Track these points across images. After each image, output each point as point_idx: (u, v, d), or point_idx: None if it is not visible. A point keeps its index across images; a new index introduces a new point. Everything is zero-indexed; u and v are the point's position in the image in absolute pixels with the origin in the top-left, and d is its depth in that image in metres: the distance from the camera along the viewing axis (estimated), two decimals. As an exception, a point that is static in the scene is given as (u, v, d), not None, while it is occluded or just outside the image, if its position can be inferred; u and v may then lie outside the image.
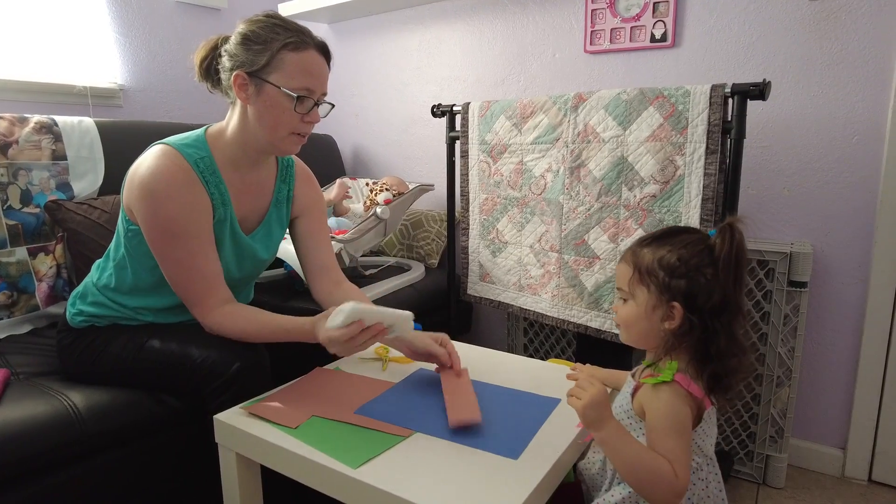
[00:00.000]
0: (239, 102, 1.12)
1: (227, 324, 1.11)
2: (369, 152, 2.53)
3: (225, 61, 1.10)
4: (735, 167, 1.28)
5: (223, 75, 1.12)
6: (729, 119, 1.29)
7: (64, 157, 1.52)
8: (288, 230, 1.35)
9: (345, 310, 0.98)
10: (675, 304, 0.80)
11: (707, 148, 1.30)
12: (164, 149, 1.10)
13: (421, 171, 2.37)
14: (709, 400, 0.81)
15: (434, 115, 1.86)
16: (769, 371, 1.52)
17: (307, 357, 1.17)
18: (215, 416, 1.00)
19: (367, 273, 1.98)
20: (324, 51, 1.14)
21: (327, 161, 2.40)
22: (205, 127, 1.19)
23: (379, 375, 1.17)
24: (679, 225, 0.91)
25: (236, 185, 1.18)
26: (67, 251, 1.46)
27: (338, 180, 1.96)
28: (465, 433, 0.93)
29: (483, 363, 1.23)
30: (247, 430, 0.96)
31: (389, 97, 2.41)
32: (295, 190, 1.31)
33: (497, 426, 0.95)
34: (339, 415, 1.00)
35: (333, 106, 1.22)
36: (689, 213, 1.35)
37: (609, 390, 1.11)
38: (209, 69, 1.15)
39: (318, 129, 2.65)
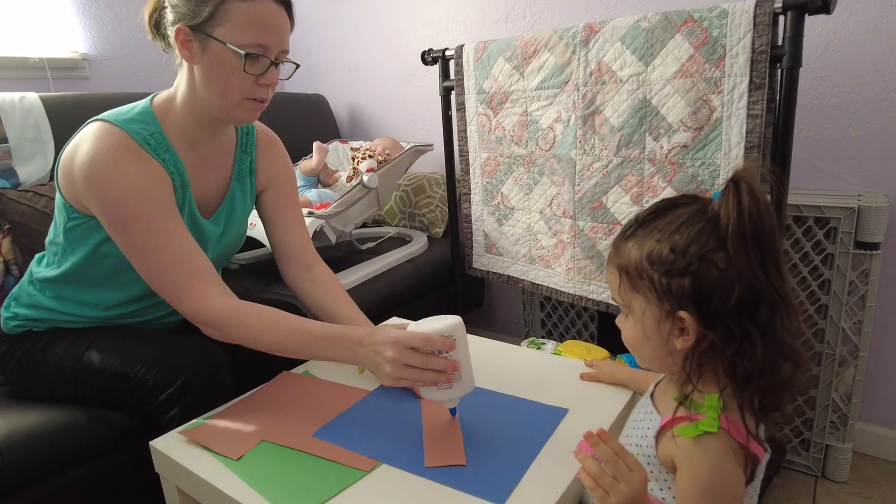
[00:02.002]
0: (185, 63, 0.93)
1: (237, 320, 0.90)
2: (366, 111, 2.29)
3: (168, 14, 0.92)
4: (788, 105, 1.01)
5: (168, 31, 0.92)
6: (780, 44, 1.01)
7: (5, 140, 1.35)
8: (255, 207, 1.17)
9: (450, 319, 0.77)
10: (683, 313, 0.56)
11: (751, 82, 1.03)
12: (104, 127, 0.91)
13: (421, 128, 2.13)
14: (764, 447, 0.58)
15: (425, 62, 1.61)
16: (830, 349, 1.27)
17: (275, 358, 0.99)
18: (151, 443, 0.84)
19: (364, 247, 1.79)
20: None
21: (320, 124, 2.19)
22: (150, 97, 1.00)
23: (353, 380, 0.99)
24: (672, 196, 0.63)
25: (193, 163, 1.01)
26: (14, 245, 1.32)
27: (315, 144, 1.74)
28: (443, 469, 0.74)
29: (481, 358, 1.04)
30: (181, 461, 0.80)
31: (383, 47, 2.15)
32: (257, 159, 1.12)
33: (484, 455, 0.76)
34: (293, 439, 0.83)
35: (298, 66, 1.01)
36: (729, 166, 1.09)
37: (631, 394, 0.90)
38: (158, 25, 0.95)
39: (308, 87, 2.45)
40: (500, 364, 1.02)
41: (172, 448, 0.83)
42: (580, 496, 0.73)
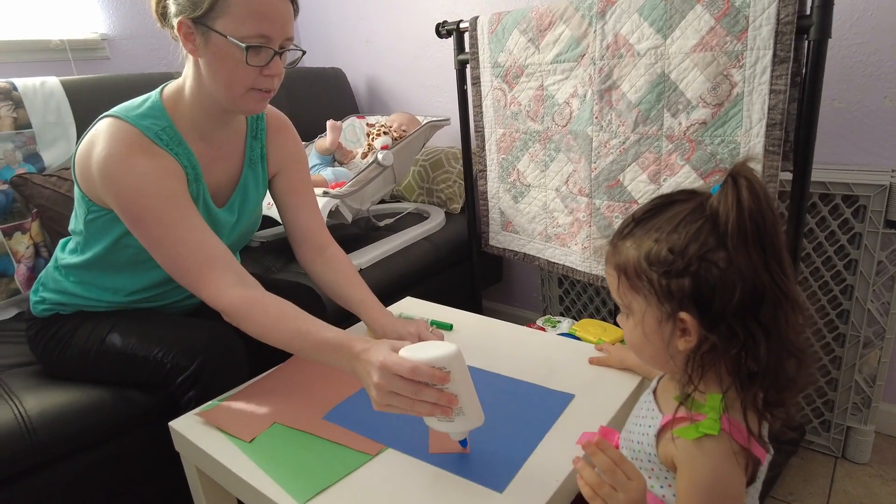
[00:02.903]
0: (191, 55, 0.93)
1: (246, 315, 0.90)
2: (383, 83, 2.26)
3: (170, 6, 0.91)
4: (814, 79, 0.96)
5: (172, 22, 0.92)
6: (807, 13, 0.95)
7: (28, 125, 1.39)
8: (269, 190, 1.18)
9: (445, 349, 0.68)
10: (684, 314, 0.54)
11: (774, 56, 0.97)
12: (116, 124, 0.92)
13: (439, 101, 2.10)
14: (766, 448, 0.57)
15: (440, 35, 1.57)
16: (854, 331, 1.24)
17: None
18: (170, 424, 0.88)
19: (382, 224, 1.80)
20: None
21: (338, 98, 2.18)
22: (160, 88, 1.00)
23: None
24: (670, 192, 0.60)
25: (205, 154, 1.02)
26: (43, 228, 1.36)
27: (328, 123, 1.73)
28: (445, 454, 0.76)
29: (490, 340, 1.05)
30: (197, 442, 0.84)
31: (400, 17, 2.11)
32: (268, 144, 1.13)
33: (487, 440, 0.77)
34: (303, 422, 0.85)
35: (304, 52, 1.00)
36: (750, 143, 1.04)
37: (639, 380, 0.89)
38: (164, 14, 0.95)
39: (325, 61, 2.42)
40: (509, 346, 1.02)
41: (189, 429, 0.86)
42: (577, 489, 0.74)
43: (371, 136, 1.67)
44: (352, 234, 1.77)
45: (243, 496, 0.78)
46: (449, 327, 1.09)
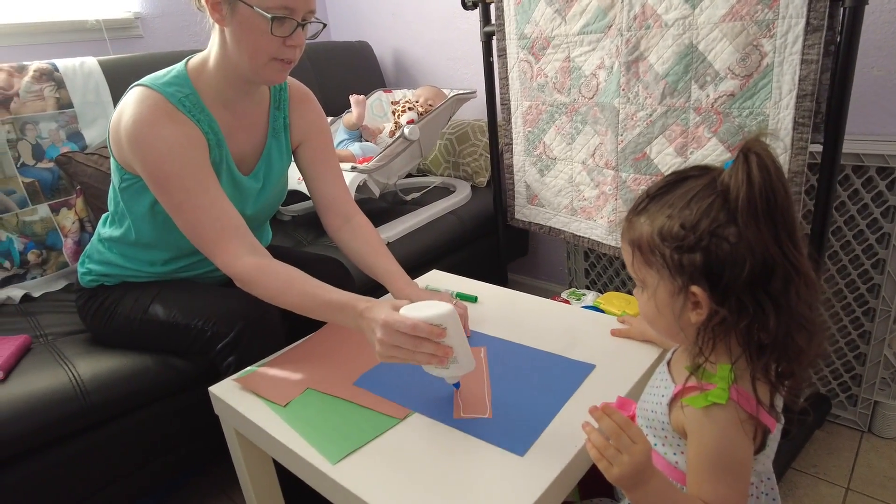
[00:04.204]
0: (217, 25, 0.97)
1: (257, 280, 0.97)
2: (410, 56, 2.26)
3: None
4: (849, 49, 0.93)
5: None
6: (844, -22, 0.92)
7: (70, 105, 1.45)
8: (294, 161, 1.21)
9: (441, 308, 0.76)
10: (695, 288, 0.56)
11: (807, 24, 0.95)
12: (143, 92, 0.98)
13: (465, 73, 2.09)
14: (775, 417, 0.58)
15: (465, 6, 1.56)
16: (885, 305, 1.22)
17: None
18: (210, 389, 0.94)
19: (409, 198, 1.82)
20: None
21: (364, 72, 2.19)
22: (186, 59, 1.04)
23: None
24: (684, 168, 0.61)
25: (227, 122, 1.06)
26: (87, 205, 1.43)
27: (352, 98, 1.74)
28: (469, 419, 0.79)
29: (514, 312, 1.07)
30: (236, 406, 0.89)
31: (426, -13, 2.10)
32: (290, 114, 1.16)
33: (510, 408, 0.81)
34: (335, 387, 0.90)
35: (325, 25, 1.03)
36: (779, 116, 1.03)
37: (659, 352, 0.91)
38: None
39: (352, 35, 2.43)
40: (532, 318, 1.05)
41: (228, 394, 0.91)
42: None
43: (396, 114, 1.68)
44: (379, 208, 1.80)
45: (279, 457, 0.83)
46: (473, 299, 1.12)
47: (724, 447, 0.56)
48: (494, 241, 1.78)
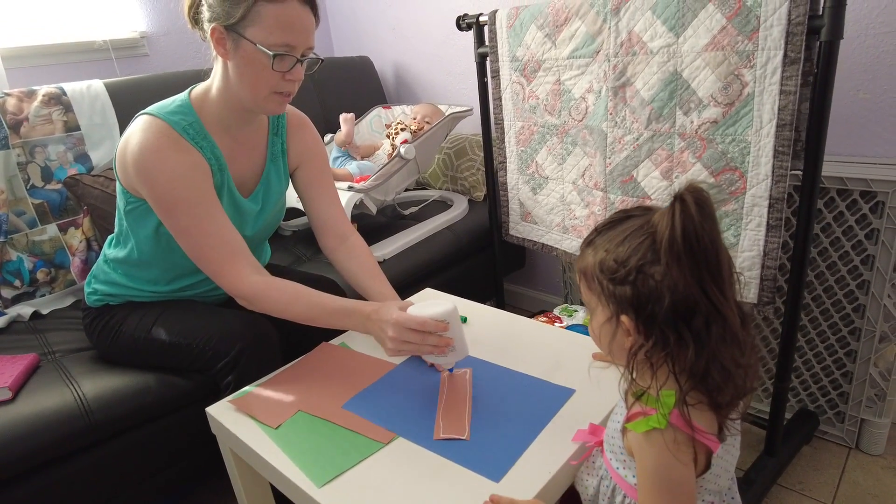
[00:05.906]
0: (220, 57, 1.02)
1: (266, 295, 1.03)
2: (410, 71, 2.30)
3: (205, 12, 1.00)
4: (825, 81, 0.95)
5: (205, 27, 1.00)
6: (819, 13, 0.94)
7: (77, 128, 1.50)
8: (292, 185, 1.26)
9: (444, 306, 0.91)
10: (624, 317, 0.61)
11: (785, 56, 0.97)
12: (149, 120, 1.02)
13: (463, 88, 2.12)
14: (718, 438, 0.62)
15: (460, 28, 1.59)
16: (870, 325, 1.24)
17: (317, 329, 1.10)
18: (207, 410, 0.98)
19: (407, 212, 1.86)
20: (308, 0, 0.98)
21: (365, 86, 2.22)
22: (189, 89, 1.10)
23: (384, 353, 1.08)
24: (630, 208, 0.67)
25: (229, 147, 1.10)
26: (93, 224, 1.48)
27: (341, 117, 1.78)
28: (450, 443, 0.83)
29: (501, 333, 1.10)
30: (230, 427, 0.93)
31: (425, 2, 2.13)
32: (288, 140, 1.21)
33: (489, 431, 0.84)
34: (325, 410, 0.93)
35: (322, 60, 1.08)
36: (760, 144, 1.05)
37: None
38: (196, 18, 1.04)
39: (353, 50, 2.46)
40: (519, 340, 1.07)
41: (223, 415, 0.95)
42: (572, 478, 0.80)
43: (391, 136, 1.72)
44: (376, 223, 1.84)
45: (270, 477, 0.87)
46: (463, 320, 1.15)
47: (661, 469, 0.60)
48: (491, 256, 1.81)
